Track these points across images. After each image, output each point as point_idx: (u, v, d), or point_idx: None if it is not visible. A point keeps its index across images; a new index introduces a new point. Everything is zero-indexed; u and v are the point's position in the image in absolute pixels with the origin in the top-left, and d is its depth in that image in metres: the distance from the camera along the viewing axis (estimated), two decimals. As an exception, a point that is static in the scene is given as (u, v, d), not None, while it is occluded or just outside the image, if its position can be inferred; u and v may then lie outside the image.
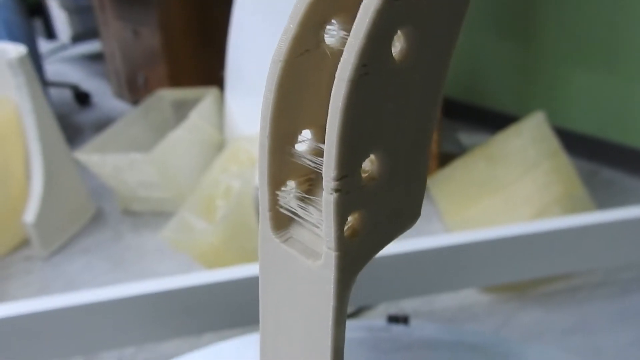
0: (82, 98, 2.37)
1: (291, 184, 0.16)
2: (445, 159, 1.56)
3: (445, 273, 1.08)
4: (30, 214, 1.32)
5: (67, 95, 2.44)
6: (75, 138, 1.92)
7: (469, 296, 1.18)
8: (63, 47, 3.07)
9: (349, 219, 0.15)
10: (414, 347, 0.74)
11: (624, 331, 1.07)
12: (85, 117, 2.27)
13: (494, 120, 1.83)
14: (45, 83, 2.01)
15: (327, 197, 0.14)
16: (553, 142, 1.31)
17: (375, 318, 1.15)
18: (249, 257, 1.13)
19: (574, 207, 1.24)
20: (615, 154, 1.67)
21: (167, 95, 1.79)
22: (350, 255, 0.15)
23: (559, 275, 1.19)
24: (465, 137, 1.87)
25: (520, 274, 1.10)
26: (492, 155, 1.38)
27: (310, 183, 0.16)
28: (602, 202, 1.36)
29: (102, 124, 1.73)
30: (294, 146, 0.16)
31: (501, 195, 1.30)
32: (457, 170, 1.45)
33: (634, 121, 1.64)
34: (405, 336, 0.74)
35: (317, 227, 0.15)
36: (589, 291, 1.18)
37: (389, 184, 0.15)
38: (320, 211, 0.15)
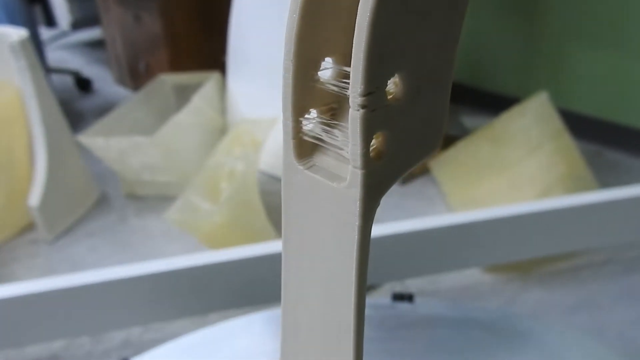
0: (84, 84, 2.37)
1: (314, 112, 0.16)
2: (448, 142, 1.56)
3: (449, 252, 1.09)
4: (34, 198, 1.33)
5: (68, 81, 2.43)
6: (77, 124, 1.92)
7: (473, 276, 1.19)
8: (63, 34, 3.06)
9: (373, 141, 0.15)
10: (419, 324, 0.74)
11: (628, 309, 1.07)
12: (86, 103, 2.27)
13: (497, 103, 1.83)
14: (46, 69, 2.00)
15: (354, 114, 0.14)
16: (557, 123, 1.30)
17: (381, 297, 1.16)
18: (253, 237, 1.14)
19: (577, 188, 1.24)
20: (619, 135, 1.67)
21: (169, 80, 1.78)
22: (374, 175, 0.15)
23: (562, 255, 1.20)
24: (468, 120, 1.87)
25: (524, 252, 1.11)
26: (495, 136, 1.37)
27: (333, 112, 0.16)
28: (606, 183, 1.36)
29: (104, 110, 1.72)
30: (317, 72, 0.16)
31: (505, 176, 1.31)
32: (460, 151, 1.45)
33: (639, 102, 1.63)
34: (411, 313, 0.75)
35: (342, 149, 0.15)
36: (592, 270, 1.18)
37: (412, 106, 0.15)
38: (345, 133, 0.15)
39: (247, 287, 1.02)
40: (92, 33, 3.06)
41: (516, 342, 0.67)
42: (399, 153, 0.15)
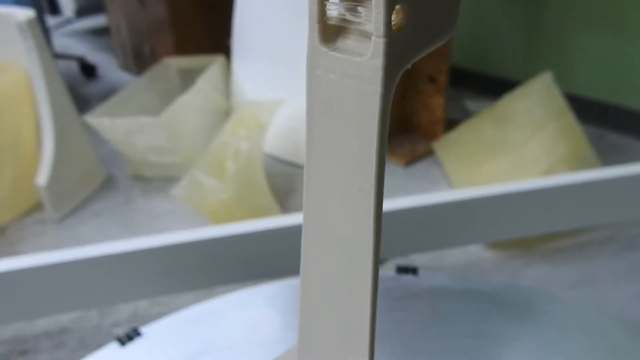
0: (89, 70, 2.38)
1: (337, -1, 0.17)
2: (451, 126, 1.57)
3: (453, 228, 1.10)
4: (42, 177, 1.34)
5: (73, 68, 2.44)
6: (82, 109, 1.93)
7: (476, 253, 1.20)
8: (67, 22, 3.07)
9: (394, 17, 0.16)
10: (423, 295, 0.75)
11: (630, 285, 1.08)
12: (91, 89, 2.28)
13: (500, 87, 1.83)
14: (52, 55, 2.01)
15: None
16: (560, 103, 1.31)
17: (385, 271, 1.17)
18: (258, 214, 1.15)
19: (581, 168, 1.25)
20: (623, 117, 1.68)
21: (174, 63, 1.79)
22: (395, 45, 0.16)
23: (565, 232, 1.21)
24: (471, 104, 1.88)
25: (527, 229, 1.12)
26: (499, 117, 1.38)
27: (355, -1, 0.17)
28: (609, 165, 1.37)
29: (109, 96, 1.73)
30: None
31: (508, 157, 1.31)
32: (464, 133, 1.46)
33: (641, 85, 1.64)
34: (415, 285, 0.76)
35: (365, 24, 0.16)
36: (595, 247, 1.19)
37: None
38: (368, 8, 0.16)
39: (253, 261, 1.03)
40: (96, 20, 3.07)
41: (520, 313, 0.68)
42: (418, 29, 0.16)
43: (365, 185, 0.17)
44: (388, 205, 1.05)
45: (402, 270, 0.77)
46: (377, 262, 0.19)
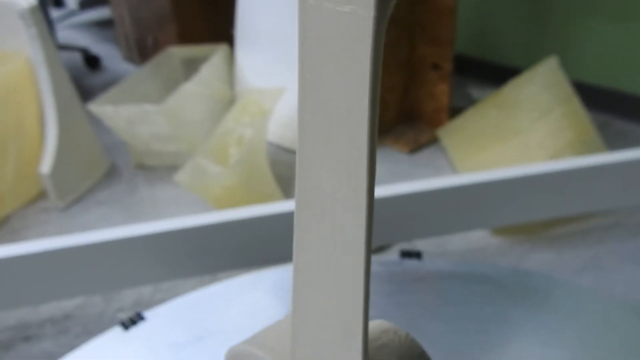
0: (92, 61, 2.38)
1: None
2: (456, 114, 1.56)
3: (458, 213, 1.09)
4: (45, 165, 1.34)
5: (77, 59, 2.44)
6: (86, 101, 1.93)
7: (481, 239, 1.19)
8: (71, 14, 3.07)
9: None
10: (427, 279, 0.75)
11: (636, 270, 1.07)
12: (95, 80, 2.28)
13: (505, 75, 1.82)
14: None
15: None
16: (566, 88, 1.30)
17: (389, 255, 1.17)
18: (261, 201, 1.15)
19: (586, 152, 1.24)
20: (629, 104, 1.66)
21: (177, 52, 1.79)
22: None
23: (570, 218, 1.20)
24: (475, 92, 1.87)
25: (533, 214, 1.11)
26: (504, 102, 1.37)
27: None
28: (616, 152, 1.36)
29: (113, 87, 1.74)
30: None
31: (513, 142, 1.30)
32: (468, 119, 1.45)
33: (648, 71, 1.62)
34: (419, 269, 0.75)
35: None
36: (600, 233, 1.18)
37: None
38: None
39: (256, 247, 1.03)
40: (100, 12, 3.07)
41: (524, 296, 0.68)
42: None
43: (358, 120, 0.17)
44: (392, 190, 1.04)
45: (406, 254, 0.77)
46: (371, 218, 0.19)
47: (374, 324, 0.26)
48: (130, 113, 1.38)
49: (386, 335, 0.25)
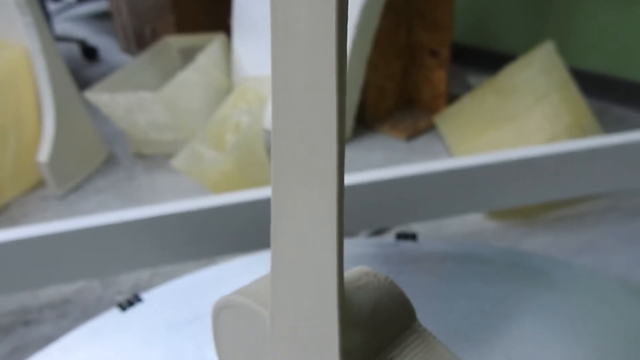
0: (90, 53, 2.38)
1: None
2: (453, 101, 1.56)
3: (453, 196, 1.09)
4: (43, 153, 1.34)
5: (74, 50, 2.44)
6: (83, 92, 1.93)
7: (477, 223, 1.19)
8: (69, 6, 3.06)
9: None
10: (423, 259, 0.75)
11: (631, 252, 1.08)
12: (93, 71, 2.28)
13: (503, 62, 1.81)
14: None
15: None
16: (563, 72, 1.30)
17: (385, 238, 1.17)
18: (258, 187, 1.15)
19: (583, 137, 1.24)
20: (626, 91, 1.66)
21: (175, 42, 1.79)
22: None
23: (567, 201, 1.20)
24: (474, 80, 1.86)
25: (529, 197, 1.11)
26: (501, 87, 1.37)
27: None
28: (612, 136, 1.36)
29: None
30: None
31: (510, 127, 1.30)
32: (465, 105, 1.45)
33: (645, 56, 1.62)
34: (414, 251, 0.76)
35: None
36: (597, 216, 1.19)
37: None
38: None
39: (254, 231, 1.03)
40: (97, 5, 3.06)
41: (520, 275, 0.68)
42: None
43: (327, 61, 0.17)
44: (388, 173, 1.04)
45: (402, 236, 0.77)
46: (342, 153, 0.19)
47: (354, 269, 0.26)
48: (128, 101, 1.38)
49: (366, 277, 0.25)
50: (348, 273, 0.26)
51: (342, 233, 0.20)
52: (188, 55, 1.73)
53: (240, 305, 0.27)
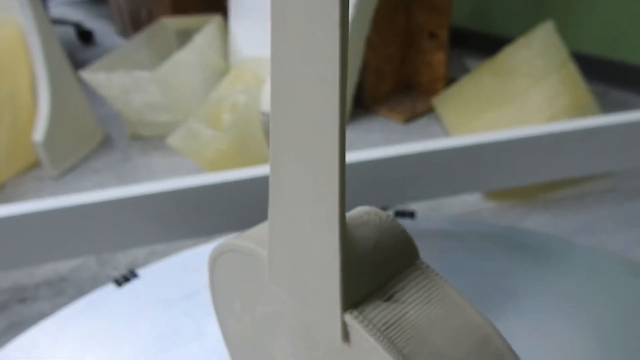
0: (85, 36, 2.35)
1: None
2: (451, 85, 1.55)
3: (451, 176, 1.09)
4: (38, 133, 1.33)
5: (70, 34, 2.42)
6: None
7: (475, 203, 1.19)
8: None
9: None
10: (421, 236, 0.74)
11: (630, 232, 1.07)
12: (89, 55, 2.26)
13: (502, 47, 1.81)
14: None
15: None
16: (562, 53, 1.29)
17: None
18: (255, 165, 1.14)
19: (582, 117, 1.23)
20: (626, 74, 1.65)
21: (171, 24, 1.77)
22: None
23: (565, 182, 1.20)
24: (472, 64, 1.85)
25: (527, 177, 1.10)
26: (500, 68, 1.36)
27: None
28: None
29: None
30: None
31: (509, 108, 1.30)
32: (464, 86, 1.44)
33: (645, 39, 1.61)
34: (412, 228, 0.75)
35: None
36: (595, 197, 1.18)
37: None
38: None
39: (251, 209, 1.03)
40: (93, -11, 3.04)
41: (519, 251, 0.67)
42: None
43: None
44: (387, 152, 1.04)
45: (400, 214, 0.77)
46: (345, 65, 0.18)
47: (356, 209, 0.26)
48: (123, 80, 1.37)
49: (367, 215, 0.25)
50: (349, 212, 0.26)
51: (343, 154, 0.19)
52: (184, 37, 1.71)
53: (238, 248, 0.26)
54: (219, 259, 0.29)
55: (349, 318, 0.21)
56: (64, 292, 1.01)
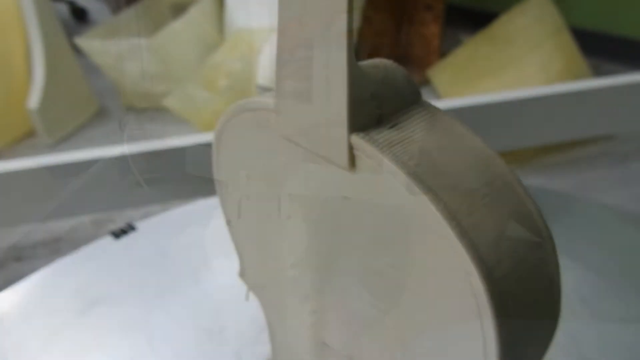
0: (79, 13, 2.34)
1: None
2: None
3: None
4: (33, 101, 1.33)
5: (63, 12, 2.40)
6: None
7: (471, 167, 1.20)
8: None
9: None
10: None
11: (624, 191, 1.09)
12: (82, 33, 2.24)
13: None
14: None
15: None
16: (557, 20, 1.30)
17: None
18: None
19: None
20: (618, 47, 1.66)
21: (166, -3, 1.76)
22: None
23: (558, 146, 1.21)
24: (466, 40, 1.86)
25: (520, 141, 1.11)
26: (495, 36, 1.37)
27: None
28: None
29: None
30: None
31: (504, 76, 1.30)
32: (459, 56, 1.44)
33: (635, 12, 1.62)
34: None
35: None
36: (589, 161, 1.19)
37: None
38: None
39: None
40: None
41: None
42: None
43: None
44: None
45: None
46: None
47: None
48: (118, 47, 1.36)
49: (374, 62, 0.25)
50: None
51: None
52: (179, 11, 1.71)
53: (248, 107, 0.26)
54: (227, 125, 0.29)
55: (354, 139, 0.21)
56: (60, 251, 1.01)
